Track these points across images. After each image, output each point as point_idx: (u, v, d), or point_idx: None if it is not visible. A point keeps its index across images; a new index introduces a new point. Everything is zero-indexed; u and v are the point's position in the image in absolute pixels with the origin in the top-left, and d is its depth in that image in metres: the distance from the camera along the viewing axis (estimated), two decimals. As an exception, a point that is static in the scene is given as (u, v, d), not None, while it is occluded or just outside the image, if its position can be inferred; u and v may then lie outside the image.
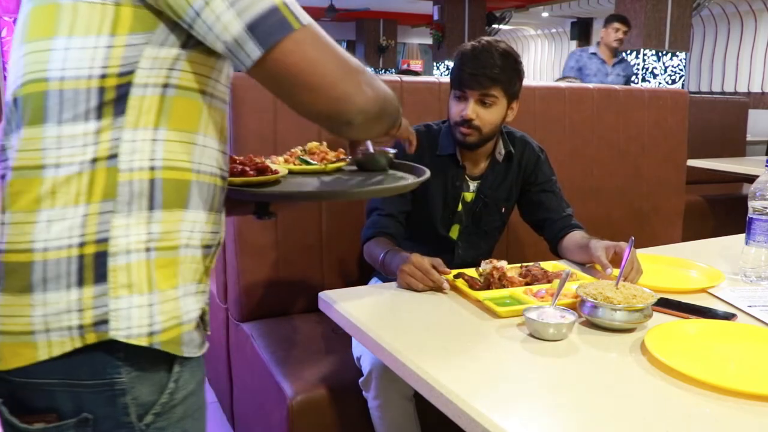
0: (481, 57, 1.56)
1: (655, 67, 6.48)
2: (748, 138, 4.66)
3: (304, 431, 1.51)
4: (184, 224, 0.79)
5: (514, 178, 1.76)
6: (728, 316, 1.23)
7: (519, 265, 1.45)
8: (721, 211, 3.88)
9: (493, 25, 11.22)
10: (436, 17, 10.38)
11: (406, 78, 2.07)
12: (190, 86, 0.78)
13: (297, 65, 0.74)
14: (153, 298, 0.75)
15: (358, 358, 1.54)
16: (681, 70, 6.65)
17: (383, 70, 13.54)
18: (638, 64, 6.34)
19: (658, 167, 2.63)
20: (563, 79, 4.00)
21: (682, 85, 6.73)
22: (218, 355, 2.13)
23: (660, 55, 6.49)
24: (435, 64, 10.89)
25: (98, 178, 0.73)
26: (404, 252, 1.43)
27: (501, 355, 1.07)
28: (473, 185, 1.75)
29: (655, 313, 1.19)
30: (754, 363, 1.04)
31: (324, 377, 1.56)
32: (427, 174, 1.16)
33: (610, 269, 1.39)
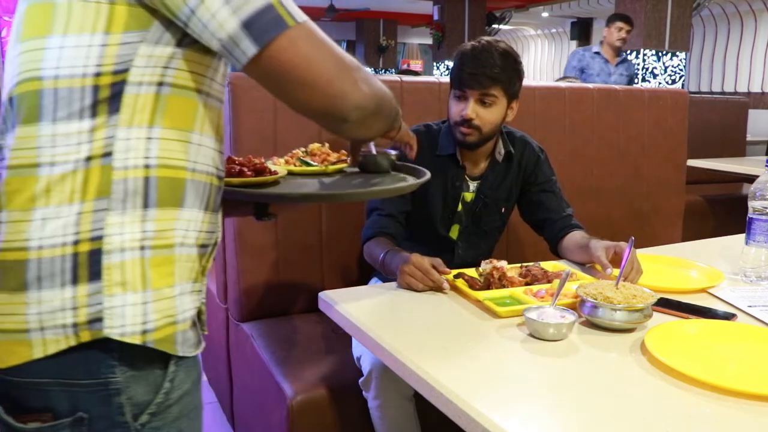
0: (481, 57, 1.56)
1: (655, 67, 6.48)
2: (748, 138, 4.66)
3: (304, 431, 1.51)
4: (179, 223, 0.78)
5: (514, 178, 1.76)
6: (728, 316, 1.23)
7: (519, 265, 1.45)
8: (721, 211, 3.88)
9: (493, 25, 11.22)
10: (436, 17, 10.38)
11: (406, 78, 2.06)
12: (186, 84, 0.77)
13: (292, 62, 0.74)
14: (147, 296, 0.75)
15: (358, 358, 1.54)
16: (681, 70, 6.66)
17: (383, 70, 13.54)
18: (638, 64, 6.34)
19: (658, 167, 2.63)
20: (563, 79, 4.00)
21: (682, 85, 6.73)
22: (218, 355, 2.13)
23: (660, 55, 6.49)
24: (435, 64, 10.89)
25: (93, 176, 0.73)
26: (404, 252, 1.43)
27: (501, 355, 1.07)
28: (473, 185, 1.75)
29: (655, 313, 1.19)
30: (754, 363, 1.04)
31: (324, 377, 1.56)
32: (427, 176, 1.16)
33: (610, 269, 1.39)
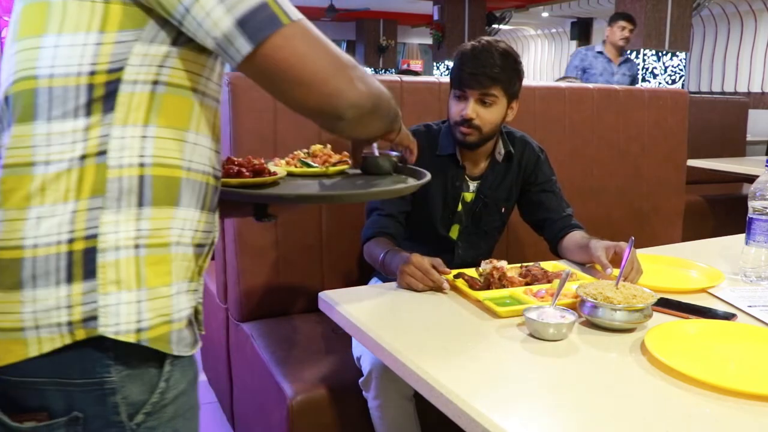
0: (481, 56, 1.56)
1: (655, 67, 6.48)
2: (748, 138, 4.66)
3: (304, 431, 1.51)
4: (175, 222, 0.78)
5: (514, 178, 1.76)
6: (728, 316, 1.23)
7: (519, 265, 1.45)
8: (721, 211, 3.88)
9: (493, 25, 11.23)
10: (436, 17, 10.39)
11: (406, 78, 2.06)
12: (181, 83, 0.77)
13: (287, 60, 0.74)
14: (141, 295, 0.75)
15: (358, 358, 1.54)
16: (681, 70, 6.66)
17: (383, 70, 13.54)
18: (638, 64, 6.34)
19: (658, 167, 2.63)
20: (563, 79, 4.00)
21: (682, 85, 6.73)
22: (218, 355, 2.13)
23: (660, 55, 6.50)
24: (435, 64, 10.89)
25: (87, 174, 0.73)
26: (404, 252, 1.43)
27: (501, 355, 1.07)
28: (473, 185, 1.75)
29: (655, 313, 1.19)
30: (754, 363, 1.04)
31: (324, 377, 1.56)
32: (427, 177, 1.16)
33: (610, 269, 1.39)
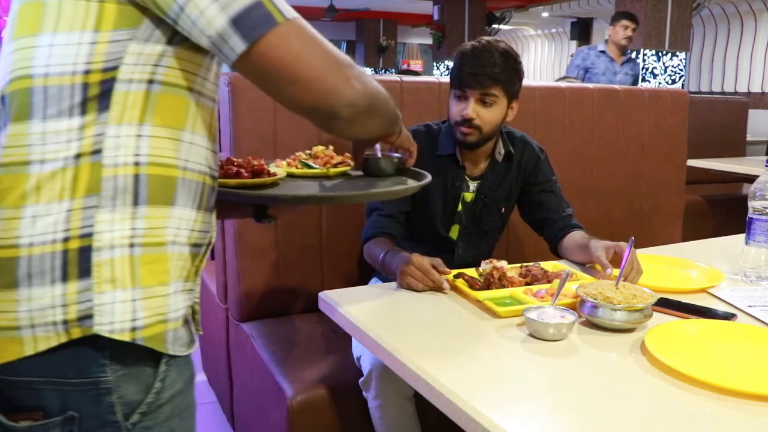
0: (481, 56, 1.56)
1: (655, 67, 6.48)
2: (748, 138, 4.66)
3: (304, 431, 1.51)
4: (171, 221, 0.78)
5: (514, 178, 1.76)
6: (728, 316, 1.23)
7: (519, 265, 1.45)
8: (721, 211, 3.88)
9: (493, 25, 11.23)
10: (436, 17, 10.39)
11: (406, 78, 2.06)
12: (177, 83, 0.77)
13: (281, 59, 0.74)
14: (136, 294, 0.75)
15: (358, 358, 1.54)
16: (681, 70, 6.66)
17: (383, 70, 13.54)
18: (639, 64, 6.34)
19: (658, 167, 2.63)
20: (563, 79, 4.00)
21: (682, 85, 6.73)
22: (218, 355, 2.13)
23: (660, 55, 6.50)
24: (435, 64, 10.89)
25: (82, 173, 0.73)
26: (404, 252, 1.43)
27: (501, 355, 1.07)
28: (473, 185, 1.75)
29: (655, 313, 1.18)
30: (754, 363, 1.04)
31: (324, 377, 1.56)
32: (427, 179, 1.16)
33: (610, 269, 1.39)
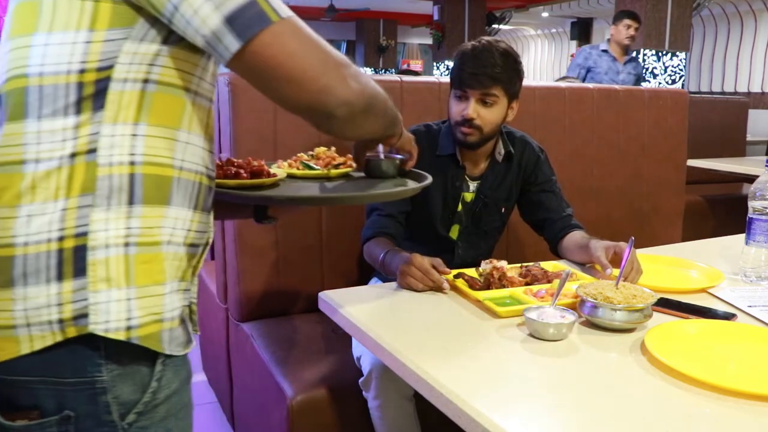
0: (481, 56, 1.56)
1: (655, 67, 6.48)
2: (748, 138, 4.66)
3: (304, 431, 1.52)
4: (166, 221, 0.78)
5: (514, 178, 1.76)
6: (728, 316, 1.23)
7: (519, 265, 1.45)
8: (721, 211, 3.88)
9: (493, 25, 11.23)
10: (436, 17, 10.39)
11: (406, 78, 2.06)
12: (173, 82, 0.77)
13: (275, 58, 0.74)
14: (131, 293, 0.75)
15: (358, 358, 1.54)
16: (681, 70, 6.66)
17: (383, 70, 13.54)
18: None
19: (658, 167, 2.63)
20: (563, 79, 4.00)
21: (682, 85, 6.73)
22: (218, 355, 2.13)
23: (660, 55, 6.49)
24: (435, 64, 10.89)
25: (77, 172, 0.73)
26: (404, 252, 1.43)
27: (501, 355, 1.07)
28: (473, 185, 1.75)
29: (655, 313, 1.18)
30: (754, 363, 1.04)
31: (324, 377, 1.56)
32: (428, 180, 1.16)
33: (610, 269, 1.39)
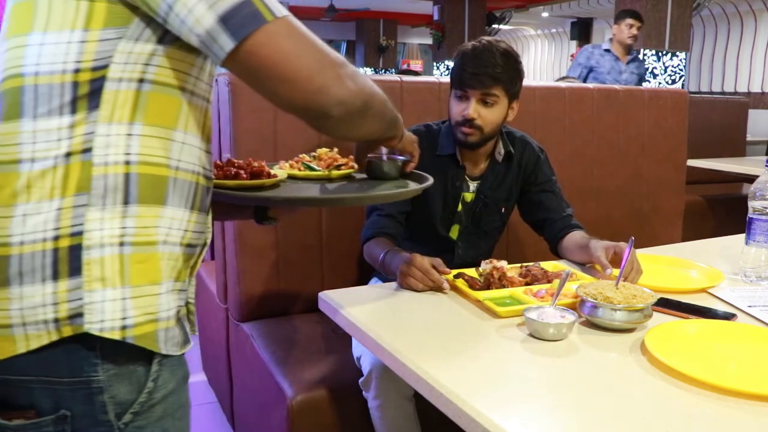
0: (482, 56, 1.56)
1: (655, 67, 6.48)
2: (748, 138, 4.66)
3: (304, 431, 1.52)
4: (162, 221, 0.78)
5: (514, 178, 1.76)
6: (728, 316, 1.23)
7: (519, 265, 1.45)
8: (721, 211, 3.88)
9: (493, 25, 11.23)
10: (436, 17, 10.39)
11: (406, 78, 2.06)
12: (168, 82, 0.77)
13: (270, 57, 0.74)
14: (126, 292, 0.75)
15: (358, 358, 1.54)
16: (681, 70, 6.66)
17: (383, 70, 13.54)
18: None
19: (658, 167, 2.63)
20: (563, 79, 4.00)
21: (682, 85, 6.73)
22: (218, 355, 2.13)
23: (660, 55, 6.49)
24: (435, 64, 10.89)
25: (72, 172, 0.73)
26: (404, 252, 1.43)
27: (501, 355, 1.07)
28: (473, 185, 1.75)
29: (655, 313, 1.18)
30: (754, 363, 1.04)
31: (324, 377, 1.56)
32: (429, 182, 1.15)
33: (609, 269, 1.39)
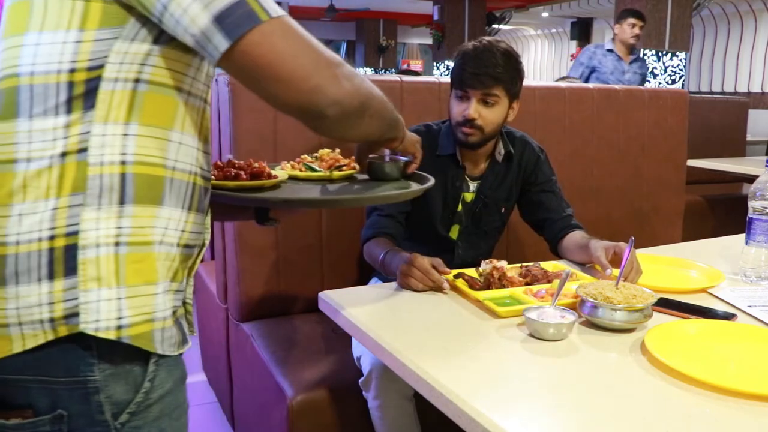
0: (483, 56, 1.56)
1: (655, 67, 6.48)
2: (748, 138, 4.66)
3: (304, 431, 1.52)
4: (158, 221, 0.78)
5: (514, 178, 1.76)
6: (728, 316, 1.23)
7: (519, 265, 1.45)
8: (721, 211, 3.88)
9: (493, 25, 11.23)
10: (436, 17, 10.39)
11: (406, 78, 2.06)
12: (164, 82, 0.77)
13: (265, 57, 0.74)
14: (121, 292, 0.75)
15: (358, 358, 1.54)
16: (681, 70, 6.65)
17: (383, 70, 13.54)
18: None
19: (658, 167, 2.63)
20: (563, 79, 3.99)
21: (682, 85, 6.73)
22: (218, 355, 2.13)
23: (660, 55, 6.49)
24: (435, 64, 10.89)
25: (68, 171, 0.73)
26: (404, 252, 1.43)
27: (501, 355, 1.07)
28: (473, 185, 1.75)
29: (655, 313, 1.18)
30: (754, 363, 1.04)
31: (324, 377, 1.56)
32: (430, 183, 1.15)
33: (609, 269, 1.39)
